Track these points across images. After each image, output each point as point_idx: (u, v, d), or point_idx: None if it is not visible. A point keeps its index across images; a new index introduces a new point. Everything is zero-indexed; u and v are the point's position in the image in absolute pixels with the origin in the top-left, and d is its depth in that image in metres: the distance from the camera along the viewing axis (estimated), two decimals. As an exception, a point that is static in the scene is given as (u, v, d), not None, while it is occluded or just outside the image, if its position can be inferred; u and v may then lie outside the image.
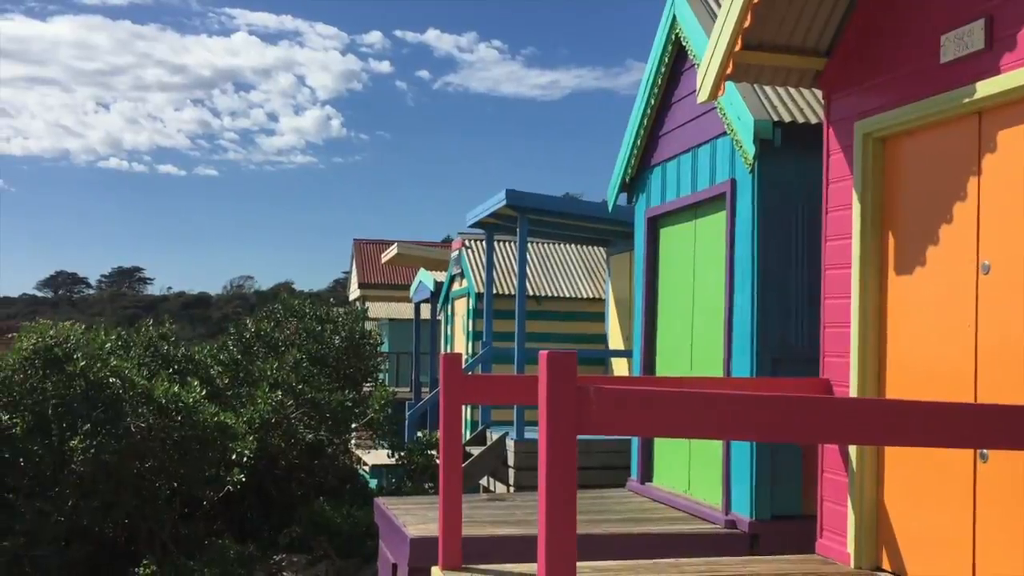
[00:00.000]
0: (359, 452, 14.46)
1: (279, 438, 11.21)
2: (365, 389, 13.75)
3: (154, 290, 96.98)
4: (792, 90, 6.77)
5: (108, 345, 10.46)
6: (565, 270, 15.64)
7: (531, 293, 14.76)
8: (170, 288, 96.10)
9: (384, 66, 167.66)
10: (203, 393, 10.45)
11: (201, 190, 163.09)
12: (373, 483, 13.77)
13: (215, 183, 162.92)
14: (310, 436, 11.51)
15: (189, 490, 10.43)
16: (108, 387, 9.58)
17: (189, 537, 10.30)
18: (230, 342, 13.03)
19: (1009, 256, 4.39)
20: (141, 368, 10.69)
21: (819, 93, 6.12)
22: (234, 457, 10.40)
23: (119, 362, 9.98)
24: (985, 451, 4.44)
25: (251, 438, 10.68)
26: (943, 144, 4.84)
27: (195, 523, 10.61)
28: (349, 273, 38.79)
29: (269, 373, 11.84)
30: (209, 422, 10.03)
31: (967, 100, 4.53)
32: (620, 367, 13.58)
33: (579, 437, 3.26)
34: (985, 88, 4.43)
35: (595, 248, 15.68)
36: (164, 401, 9.78)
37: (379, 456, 14.17)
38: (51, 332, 9.76)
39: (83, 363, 9.56)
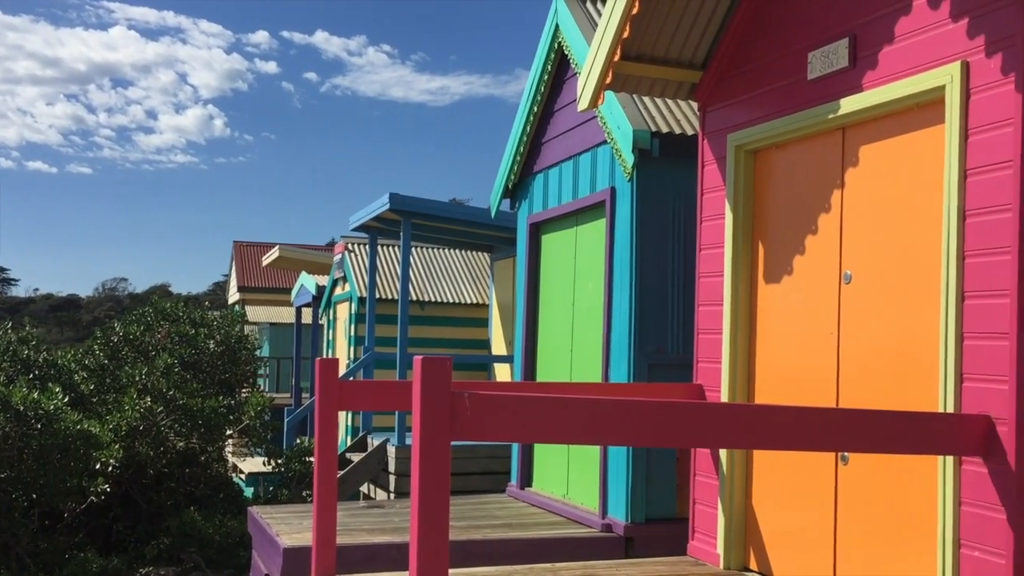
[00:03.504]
0: (235, 460, 14.05)
1: (147, 446, 10.80)
2: (243, 395, 13.37)
3: (19, 291, 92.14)
4: (670, 101, 6.91)
5: (-39, 349, 9.86)
6: (449, 275, 15.59)
7: (414, 298, 14.65)
8: (36, 290, 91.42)
9: (271, 66, 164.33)
10: (65, 400, 9.98)
11: (73, 188, 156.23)
12: (249, 491, 13.40)
13: (89, 181, 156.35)
14: (181, 444, 11.12)
15: (49, 501, 9.93)
16: (-40, 393, 9.03)
17: (49, 551, 9.81)
18: (96, 346, 12.49)
19: (869, 266, 4.58)
20: (-2, 373, 10.12)
21: (696, 105, 6.27)
22: (98, 466, 9.96)
23: (-27, 367, 9.42)
24: (846, 454, 4.62)
25: (117, 446, 10.25)
26: (809, 157, 5.02)
27: (55, 536, 10.11)
28: (229, 276, 37.75)
29: (138, 379, 11.39)
30: (71, 430, 9.58)
31: (832, 116, 4.70)
32: (503, 373, 13.61)
33: (462, 443, 3.22)
34: (849, 104, 4.61)
35: (479, 254, 15.69)
36: (22, 408, 9.29)
37: (256, 464, 13.80)
38: None
39: (-68, 368, 8.99)
